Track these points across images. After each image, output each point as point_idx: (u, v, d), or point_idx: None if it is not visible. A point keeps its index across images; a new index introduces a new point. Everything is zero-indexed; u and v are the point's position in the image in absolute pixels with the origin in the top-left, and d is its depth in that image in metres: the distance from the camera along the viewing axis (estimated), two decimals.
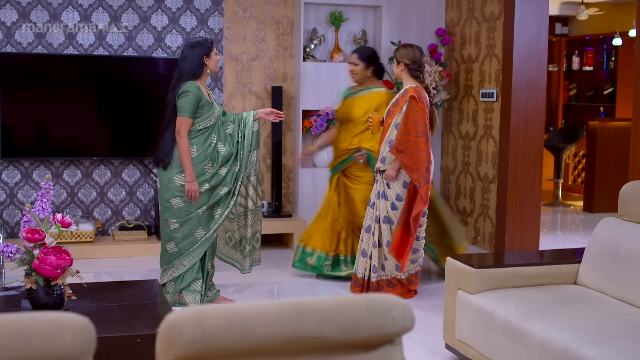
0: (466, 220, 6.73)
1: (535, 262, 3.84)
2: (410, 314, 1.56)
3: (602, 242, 3.73)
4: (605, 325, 3.14)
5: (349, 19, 6.98)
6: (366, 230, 5.14)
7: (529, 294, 3.58)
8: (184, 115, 4.52)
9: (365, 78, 5.45)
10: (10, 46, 6.24)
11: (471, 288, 3.72)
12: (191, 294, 4.68)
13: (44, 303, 3.16)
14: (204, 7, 6.67)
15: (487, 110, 6.36)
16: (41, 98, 6.28)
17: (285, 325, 1.45)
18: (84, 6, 6.39)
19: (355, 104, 5.46)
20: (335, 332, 1.48)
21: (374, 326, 1.50)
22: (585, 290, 3.70)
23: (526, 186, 6.05)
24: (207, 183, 4.66)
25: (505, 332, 3.39)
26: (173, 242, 4.66)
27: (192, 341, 1.41)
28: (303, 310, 1.47)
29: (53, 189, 3.39)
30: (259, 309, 1.46)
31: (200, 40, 4.64)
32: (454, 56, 6.91)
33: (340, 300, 1.52)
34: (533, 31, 5.95)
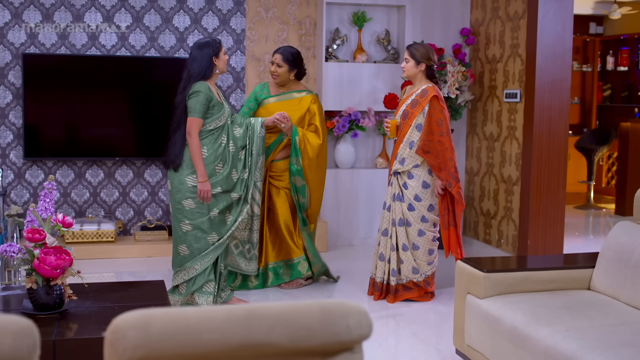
0: (490, 223, 6.62)
1: (546, 267, 3.75)
2: (367, 321, 1.51)
3: (615, 247, 3.62)
4: (613, 333, 3.04)
5: (372, 18, 6.92)
6: (383, 233, 5.09)
7: (538, 300, 3.49)
8: (195, 116, 4.52)
9: (288, 80, 5.29)
10: (34, 47, 6.31)
11: (480, 292, 3.64)
12: (203, 296, 4.67)
13: (44, 303, 3.17)
14: (226, 7, 6.66)
15: (511, 111, 6.25)
16: (64, 99, 6.34)
17: (234, 332, 1.41)
18: (107, 7, 6.43)
19: (284, 108, 5.23)
20: (286, 338, 1.43)
21: (327, 333, 1.45)
22: (598, 296, 3.60)
23: (550, 188, 5.92)
24: (219, 186, 4.65)
25: (511, 339, 3.31)
26: (185, 244, 4.66)
27: (135, 346, 1.38)
28: (252, 316, 1.43)
29: (56, 189, 3.39)
30: (206, 314, 1.42)
31: (208, 41, 4.63)
32: (478, 56, 6.80)
33: (293, 306, 1.47)
34: (557, 30, 5.82)
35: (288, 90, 5.33)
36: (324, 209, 6.76)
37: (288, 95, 5.31)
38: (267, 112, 5.24)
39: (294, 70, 5.25)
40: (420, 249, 5.02)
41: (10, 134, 6.35)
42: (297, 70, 5.27)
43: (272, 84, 5.36)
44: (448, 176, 4.93)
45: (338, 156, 6.88)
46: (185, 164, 4.59)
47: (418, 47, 4.99)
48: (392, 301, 5.02)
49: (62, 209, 6.50)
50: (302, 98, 5.30)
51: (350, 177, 6.83)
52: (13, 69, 6.29)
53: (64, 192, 6.50)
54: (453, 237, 5.02)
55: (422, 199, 4.97)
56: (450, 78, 6.42)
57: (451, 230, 5.02)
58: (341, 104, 6.77)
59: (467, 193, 7.04)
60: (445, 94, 6.45)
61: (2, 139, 6.33)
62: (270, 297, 5.15)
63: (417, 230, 4.99)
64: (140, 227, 6.48)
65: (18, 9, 6.27)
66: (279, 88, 5.34)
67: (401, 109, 5.05)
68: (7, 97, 6.32)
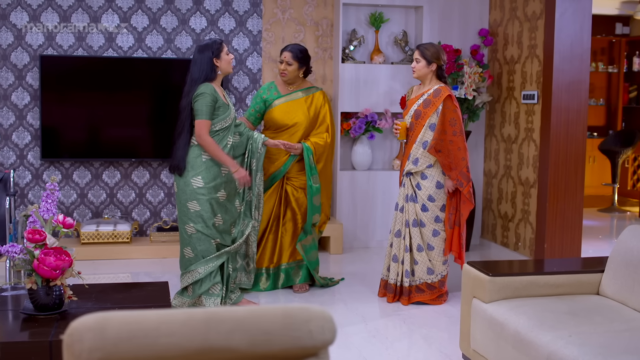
0: (507, 226, 6.54)
1: (553, 271, 3.68)
2: (331, 326, 1.48)
3: (625, 251, 3.55)
4: (617, 339, 2.98)
5: (390, 19, 6.87)
6: (396, 235, 5.05)
7: (543, 304, 3.43)
8: (203, 118, 4.51)
9: (297, 78, 5.25)
10: (51, 49, 6.36)
11: (485, 297, 3.58)
12: (211, 298, 4.67)
13: (43, 303, 3.18)
14: (242, 8, 6.66)
15: (529, 113, 6.17)
16: (81, 100, 6.38)
17: (192, 336, 1.39)
18: (124, 9, 6.46)
19: (298, 108, 5.22)
20: (247, 343, 1.41)
21: (288, 338, 1.42)
22: (606, 302, 3.52)
23: (567, 191, 5.83)
24: (224, 190, 4.65)
25: (515, 344, 3.25)
26: (189, 247, 4.65)
27: (90, 349, 1.36)
28: (212, 320, 1.41)
29: (59, 190, 3.40)
30: (164, 317, 1.41)
31: (208, 43, 4.61)
32: (496, 57, 6.72)
33: (254, 310, 1.45)
34: (575, 30, 5.73)
35: (297, 88, 5.29)
36: (340, 211, 6.72)
37: (297, 93, 5.28)
38: (281, 112, 5.22)
39: (303, 67, 5.22)
40: (435, 249, 4.98)
41: (28, 135, 6.40)
42: (305, 67, 5.24)
43: (280, 83, 5.32)
44: (459, 175, 4.89)
45: (354, 158, 6.84)
46: (190, 166, 4.58)
47: (428, 46, 4.95)
48: (407, 303, 4.98)
49: (79, 210, 6.55)
50: (314, 95, 5.28)
51: (367, 179, 6.79)
52: (31, 70, 6.35)
53: (81, 193, 6.54)
54: (456, 237, 4.98)
55: (435, 200, 4.94)
56: (467, 79, 6.36)
57: (455, 230, 4.97)
58: (358, 105, 6.73)
59: (485, 195, 6.97)
60: (462, 95, 6.39)
61: (20, 140, 6.39)
62: (281, 300, 5.13)
63: (432, 231, 4.95)
64: (156, 228, 6.50)
65: (36, 11, 6.32)
66: (287, 87, 5.29)
67: (412, 109, 5.00)
68: (26, 99, 6.37)
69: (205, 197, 4.58)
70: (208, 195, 4.58)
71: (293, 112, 5.22)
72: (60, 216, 3.28)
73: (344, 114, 6.78)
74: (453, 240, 5.02)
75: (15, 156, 6.40)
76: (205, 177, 4.57)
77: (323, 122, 5.26)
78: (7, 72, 6.33)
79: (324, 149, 5.22)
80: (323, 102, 5.27)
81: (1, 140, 6.37)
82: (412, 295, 5.02)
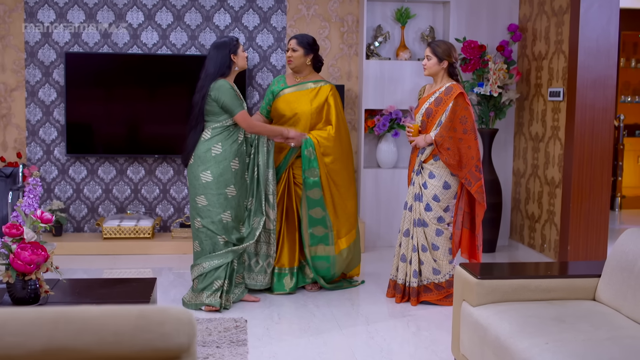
0: (534, 227, 6.35)
1: (545, 275, 3.53)
2: (189, 330, 1.42)
3: (620, 256, 3.38)
4: (595, 348, 2.83)
5: (416, 15, 6.75)
6: (404, 234, 4.96)
7: (531, 309, 3.29)
8: (239, 110, 4.62)
9: (304, 66, 5.12)
10: (77, 46, 6.45)
11: (473, 300, 3.47)
12: (211, 294, 4.67)
13: (19, 297, 3.20)
14: (266, 5, 6.64)
15: (555, 111, 5.97)
16: (106, 97, 6.46)
17: (38, 335, 1.35)
18: (148, 6, 6.51)
19: (301, 98, 5.10)
20: (96, 344, 1.36)
21: (139, 340, 1.38)
22: (600, 308, 3.36)
23: (592, 191, 5.62)
24: (233, 185, 4.65)
25: (495, 350, 3.14)
26: (197, 240, 4.71)
27: None
28: (60, 320, 1.37)
29: (41, 185, 3.43)
30: (12, 315, 1.37)
31: (226, 41, 4.70)
32: (525, 53, 6.53)
33: (108, 310, 1.40)
34: (601, 25, 5.52)
35: (304, 79, 5.16)
36: (364, 209, 6.64)
37: (305, 84, 5.15)
38: (284, 102, 5.12)
39: (310, 55, 5.11)
40: (440, 248, 4.87)
41: (55, 130, 6.51)
42: (312, 55, 5.12)
43: (289, 75, 5.25)
44: (468, 174, 4.78)
45: (379, 155, 6.75)
46: (200, 160, 4.61)
47: (440, 44, 4.84)
48: (415, 303, 4.89)
49: (104, 205, 6.63)
50: (320, 88, 5.13)
51: (392, 177, 6.68)
52: (57, 67, 6.45)
53: (106, 189, 6.62)
54: (465, 239, 4.86)
55: (440, 200, 4.83)
56: (492, 76, 6.19)
57: (464, 232, 4.85)
58: (382, 102, 6.64)
59: (514, 195, 6.79)
60: (487, 92, 6.23)
61: (47, 136, 6.51)
62: (285, 302, 5.08)
63: (435, 230, 4.85)
64: (179, 224, 6.53)
65: (63, 9, 6.42)
66: (295, 78, 5.19)
67: (423, 107, 4.90)
68: (52, 95, 6.48)
69: (213, 192, 4.60)
70: (216, 191, 4.61)
71: (295, 102, 5.10)
72: (38, 211, 3.30)
73: (368, 111, 6.70)
74: (463, 242, 4.89)
75: (42, 152, 6.51)
76: (214, 171, 4.60)
77: (327, 116, 5.12)
78: (35, 69, 6.45)
79: (328, 141, 5.03)
80: (328, 95, 5.10)
81: (29, 136, 6.49)
82: (420, 295, 4.93)
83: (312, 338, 4.25)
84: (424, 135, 4.84)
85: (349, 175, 5.21)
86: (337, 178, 5.12)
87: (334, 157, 5.08)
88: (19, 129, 6.49)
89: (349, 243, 5.14)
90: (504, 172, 6.80)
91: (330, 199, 5.07)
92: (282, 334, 4.33)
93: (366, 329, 4.42)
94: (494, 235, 6.55)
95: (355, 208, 5.23)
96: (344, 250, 5.12)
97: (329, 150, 5.05)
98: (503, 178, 6.78)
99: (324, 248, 5.08)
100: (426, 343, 4.21)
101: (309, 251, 5.07)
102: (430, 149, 4.84)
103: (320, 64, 5.21)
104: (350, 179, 5.23)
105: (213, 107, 4.60)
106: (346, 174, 5.18)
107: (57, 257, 6.08)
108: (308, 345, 4.12)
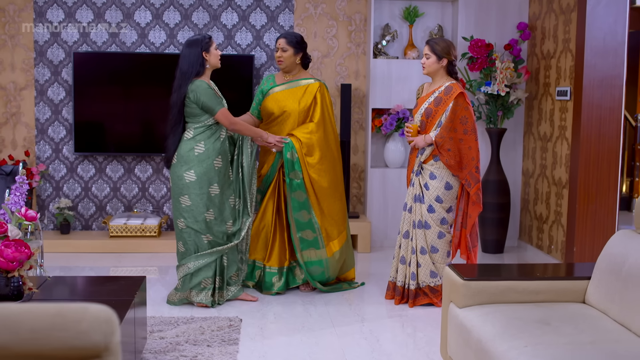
0: (542, 228, 6.27)
1: (533, 277, 3.48)
2: (106, 328, 1.41)
3: (609, 257, 3.33)
4: (574, 352, 2.78)
5: (425, 13, 6.70)
6: (404, 236, 4.91)
7: (516, 312, 3.24)
8: (219, 108, 4.60)
9: (294, 65, 5.08)
10: (86, 45, 6.50)
11: (459, 301, 3.43)
12: (201, 292, 4.69)
13: (3, 294, 3.22)
14: (274, 4, 6.63)
15: (562, 110, 5.89)
16: (113, 96, 6.49)
17: None
18: (156, 5, 6.53)
19: (289, 96, 5.05)
20: (14, 342, 1.36)
21: (55, 338, 1.37)
22: (588, 311, 3.31)
23: (599, 192, 5.54)
24: (217, 184, 4.64)
25: (477, 353, 3.10)
26: (181, 241, 4.70)
27: None
28: None
29: (27, 183, 3.45)
30: None
31: (197, 38, 4.67)
32: (535, 52, 6.45)
33: (25, 308, 1.40)
34: (608, 23, 5.43)
35: (294, 78, 5.12)
36: (370, 209, 6.61)
37: (295, 83, 5.10)
38: (273, 100, 5.08)
39: (299, 54, 5.07)
40: (439, 251, 4.82)
41: (64, 129, 6.56)
42: (302, 54, 5.08)
43: (278, 74, 5.20)
44: (468, 175, 4.72)
45: (387, 155, 6.71)
46: (183, 159, 4.61)
47: (438, 41, 4.79)
48: (412, 305, 4.85)
49: (112, 203, 6.67)
50: (309, 86, 5.07)
51: (399, 177, 6.64)
52: (66, 66, 6.50)
53: (114, 187, 6.66)
54: (464, 240, 4.81)
55: (443, 201, 4.77)
56: (499, 75, 6.12)
57: (463, 233, 4.81)
58: (389, 101, 6.60)
59: (523, 195, 6.71)
60: (494, 92, 6.17)
61: (56, 134, 6.56)
62: (282, 301, 5.07)
63: (437, 233, 4.79)
64: None
65: (71, 8, 6.47)
66: (285, 76, 5.14)
67: (422, 107, 4.85)
68: (61, 94, 6.53)
69: (196, 192, 4.60)
70: (199, 190, 4.60)
71: (283, 101, 5.06)
72: (22, 209, 3.32)
73: (376, 110, 6.66)
74: (461, 243, 4.85)
75: (51, 150, 6.57)
76: (197, 170, 4.59)
77: (312, 114, 5.05)
78: (44, 68, 6.50)
79: (310, 138, 4.97)
80: (316, 93, 5.04)
81: (38, 135, 6.55)
82: (420, 297, 4.89)
83: (304, 337, 4.23)
84: (424, 136, 4.79)
85: (336, 175, 5.13)
86: (323, 179, 5.02)
87: (319, 156, 5.00)
88: (28, 128, 6.55)
89: (340, 245, 5.12)
90: (514, 172, 6.72)
91: (315, 201, 5.00)
92: (276, 333, 4.32)
93: (360, 329, 4.40)
94: (501, 236, 6.48)
95: (344, 209, 5.19)
96: (336, 253, 5.09)
97: (312, 148, 4.98)
98: (512, 178, 6.70)
99: (315, 252, 5.04)
100: (420, 344, 4.17)
101: (301, 256, 5.03)
102: (430, 150, 4.79)
103: (308, 61, 5.18)
104: (338, 179, 5.16)
105: (193, 109, 4.60)
106: (333, 173, 5.10)
107: (64, 254, 6.14)
108: (299, 345, 4.11)
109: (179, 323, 4.39)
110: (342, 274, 5.31)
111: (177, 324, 4.38)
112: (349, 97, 6.47)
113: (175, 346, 3.98)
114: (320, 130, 5.01)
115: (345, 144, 6.49)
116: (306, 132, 4.99)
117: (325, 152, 5.04)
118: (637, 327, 3.02)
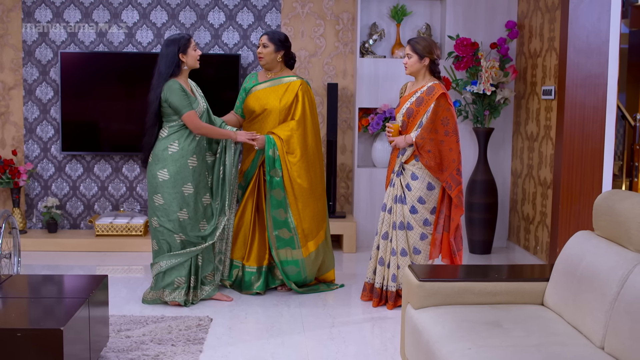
0: (529, 228, 6.21)
1: (490, 278, 3.44)
2: None
3: (567, 259, 3.28)
4: (517, 355, 2.74)
5: (413, 12, 6.65)
6: (383, 237, 4.86)
7: (468, 313, 3.21)
8: (187, 110, 4.58)
9: (275, 63, 5.04)
10: (74, 45, 6.52)
11: (415, 302, 3.40)
12: (174, 291, 4.69)
13: None
14: (261, 3, 6.61)
15: (547, 109, 5.83)
16: (101, 95, 6.51)
17: None
18: (143, 5, 6.54)
19: (271, 94, 5.01)
20: None
21: None
22: (544, 313, 3.26)
23: (583, 192, 5.47)
24: (190, 183, 4.63)
25: (426, 354, 3.07)
26: (155, 239, 4.70)
27: None
28: None
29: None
30: None
31: (176, 38, 4.63)
32: (522, 51, 6.39)
33: None
34: (592, 22, 5.36)
35: (276, 76, 5.08)
36: (357, 208, 6.57)
37: (277, 80, 5.07)
38: (255, 98, 5.05)
39: (281, 51, 5.03)
40: (421, 253, 4.76)
41: (52, 128, 6.59)
42: (284, 51, 5.05)
43: (261, 72, 5.17)
44: (449, 178, 4.65)
45: (375, 154, 6.67)
46: (157, 158, 4.61)
47: (420, 40, 4.74)
48: (391, 307, 4.80)
49: (100, 203, 6.68)
50: (290, 84, 5.04)
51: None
52: (54, 66, 6.53)
53: (102, 186, 6.68)
54: (446, 243, 4.75)
55: (426, 202, 4.72)
56: (484, 74, 6.07)
57: (444, 236, 4.74)
58: (377, 101, 6.56)
59: (512, 196, 6.65)
60: (480, 91, 6.11)
61: (45, 134, 6.59)
62: (256, 301, 5.05)
63: (419, 234, 4.73)
64: None
65: (59, 8, 6.49)
66: (267, 74, 5.11)
67: (404, 106, 4.80)
68: (49, 94, 6.56)
69: (170, 191, 4.59)
70: (173, 189, 4.59)
71: (265, 99, 5.03)
72: None
73: (363, 109, 6.62)
74: (443, 246, 4.78)
75: (39, 149, 6.60)
76: (171, 169, 4.58)
77: (293, 112, 5.02)
78: (32, 67, 6.53)
79: (291, 136, 4.95)
80: (298, 90, 5.01)
81: (26, 134, 6.58)
82: (398, 300, 4.83)
83: (271, 339, 4.21)
84: (404, 136, 4.74)
85: (315, 174, 5.09)
86: (303, 178, 4.99)
87: (299, 154, 4.97)
88: (17, 127, 6.58)
89: (317, 245, 5.08)
90: (502, 172, 6.65)
91: (293, 200, 4.96)
92: (243, 333, 4.30)
93: (329, 331, 4.37)
94: (489, 237, 6.42)
95: (323, 209, 5.15)
96: (312, 253, 5.06)
97: (293, 146, 4.96)
98: (501, 178, 6.64)
99: (291, 252, 5.01)
100: (386, 346, 4.14)
101: (277, 254, 5.01)
102: (411, 150, 4.74)
103: (293, 61, 5.14)
104: (317, 179, 5.12)
105: (166, 108, 4.60)
106: (313, 173, 5.06)
107: (51, 253, 6.17)
108: (265, 346, 4.09)
109: (148, 322, 4.38)
110: (320, 275, 5.28)
111: (147, 322, 4.37)
112: (335, 97, 6.44)
113: (139, 345, 3.98)
114: (300, 128, 4.99)
115: (333, 143, 6.47)
116: (287, 129, 4.97)
117: (305, 151, 5.01)
118: (587, 329, 2.98)
